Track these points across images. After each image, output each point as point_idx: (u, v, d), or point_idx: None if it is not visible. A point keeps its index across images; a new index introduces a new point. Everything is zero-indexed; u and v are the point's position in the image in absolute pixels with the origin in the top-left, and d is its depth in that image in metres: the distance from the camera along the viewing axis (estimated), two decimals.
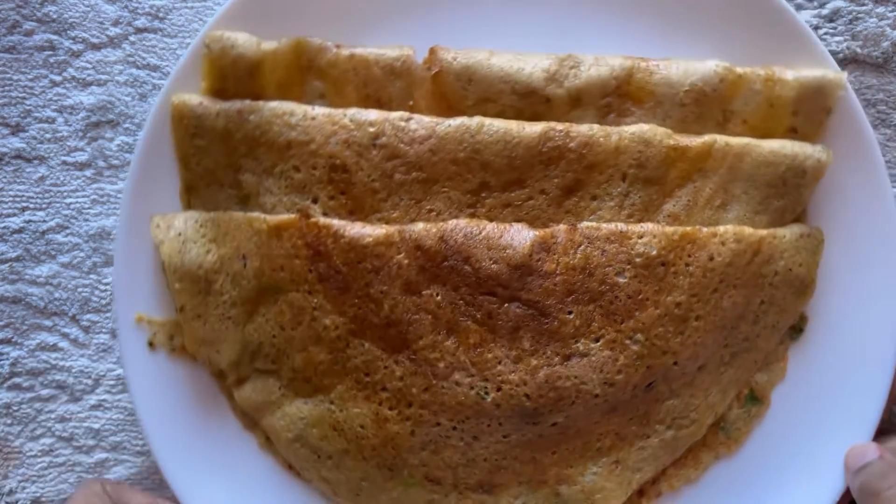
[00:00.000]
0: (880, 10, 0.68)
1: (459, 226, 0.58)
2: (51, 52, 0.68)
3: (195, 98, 0.59)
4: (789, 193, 0.60)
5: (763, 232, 0.59)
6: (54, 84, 0.68)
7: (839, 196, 0.62)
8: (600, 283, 0.58)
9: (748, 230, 0.58)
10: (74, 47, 0.68)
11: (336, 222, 0.58)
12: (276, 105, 0.59)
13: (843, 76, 0.60)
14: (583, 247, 0.58)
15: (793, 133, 0.62)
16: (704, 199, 0.60)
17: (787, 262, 0.60)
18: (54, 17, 0.68)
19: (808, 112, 0.61)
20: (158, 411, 0.61)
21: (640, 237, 0.58)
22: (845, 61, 0.68)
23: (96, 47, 0.68)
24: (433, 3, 0.63)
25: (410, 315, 0.58)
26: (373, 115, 0.59)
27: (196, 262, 0.59)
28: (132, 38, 0.68)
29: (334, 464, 0.60)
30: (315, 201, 0.60)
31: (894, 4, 0.68)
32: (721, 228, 0.58)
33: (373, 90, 0.61)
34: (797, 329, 0.63)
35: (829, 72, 0.60)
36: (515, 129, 0.59)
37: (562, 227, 0.58)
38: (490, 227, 0.58)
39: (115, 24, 0.68)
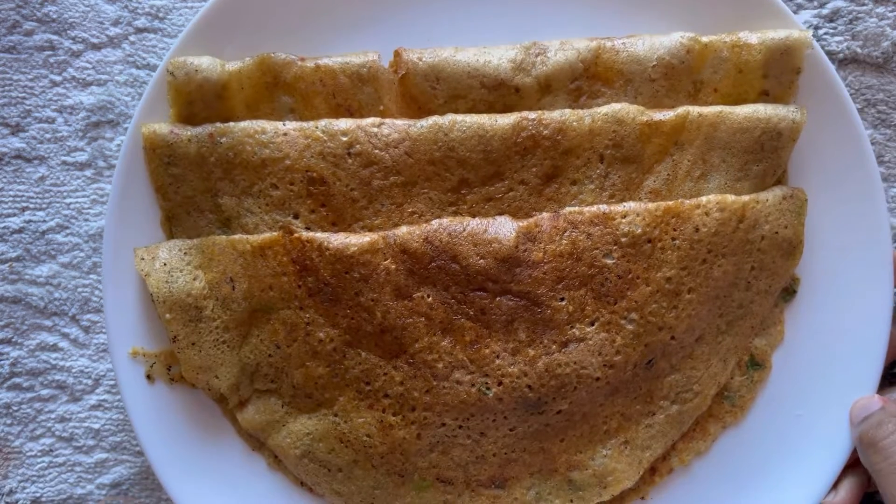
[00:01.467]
0: (880, 10, 0.68)
1: (443, 225, 0.58)
2: (51, 52, 0.68)
3: (165, 127, 0.59)
4: (767, 157, 0.60)
5: (746, 198, 0.59)
6: (54, 84, 0.68)
7: (818, 153, 0.62)
8: (589, 267, 0.58)
9: (731, 198, 0.58)
10: (74, 47, 0.68)
11: (319, 235, 0.58)
12: (246, 125, 0.59)
13: (809, 34, 0.60)
14: (568, 232, 0.57)
15: (765, 96, 0.61)
16: (684, 172, 0.60)
17: (772, 225, 0.60)
18: (54, 17, 0.68)
19: (778, 74, 0.61)
20: (164, 442, 0.61)
21: (624, 217, 0.58)
22: (845, 61, 0.68)
23: (96, 47, 0.68)
24: (392, 5, 0.63)
25: (404, 320, 0.57)
26: (344, 123, 0.59)
27: (184, 290, 0.58)
28: (132, 38, 0.68)
29: (345, 476, 0.60)
30: (296, 217, 0.59)
31: (894, 4, 0.68)
32: (704, 199, 0.58)
33: (342, 99, 0.61)
34: (790, 291, 0.63)
35: (794, 31, 0.60)
36: (488, 123, 0.59)
37: (545, 215, 0.58)
38: (474, 223, 0.58)
39: (115, 23, 0.68)
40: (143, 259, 0.59)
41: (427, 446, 0.59)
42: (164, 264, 0.59)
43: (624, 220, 0.58)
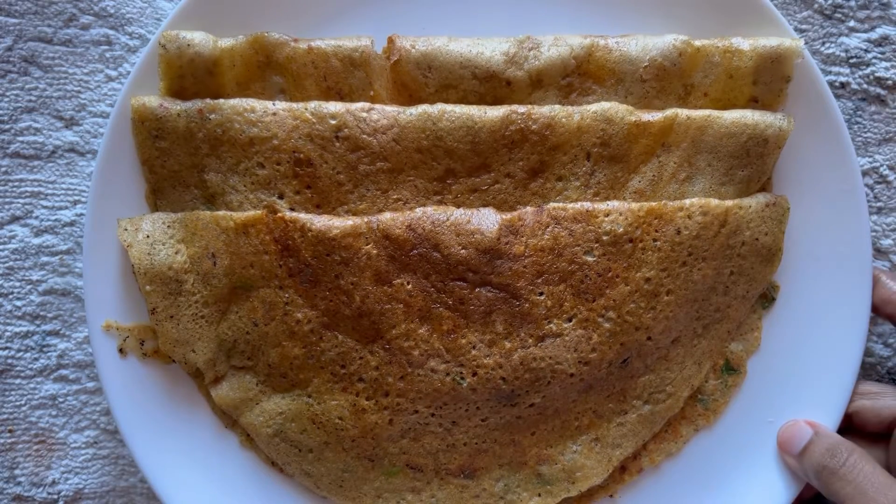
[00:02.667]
0: None
1: (427, 213, 0.58)
2: (107, 47, 0.67)
3: (155, 100, 0.59)
4: (753, 163, 0.61)
5: (729, 203, 0.59)
6: (110, 79, 0.68)
7: (803, 162, 0.62)
8: (569, 263, 0.58)
9: (714, 202, 0.59)
10: (131, 43, 0.68)
11: (303, 216, 0.58)
12: (236, 102, 0.59)
13: (800, 43, 0.60)
14: (550, 227, 0.58)
15: (754, 102, 0.62)
16: (669, 174, 0.60)
17: (753, 231, 0.60)
18: (111, 11, 0.68)
19: (768, 81, 0.61)
20: (137, 416, 0.61)
21: (607, 215, 0.58)
22: (895, 87, 0.68)
23: None
24: None
25: (382, 305, 0.58)
26: (334, 107, 0.59)
27: (166, 263, 0.59)
28: None
29: (315, 457, 0.61)
30: (281, 197, 0.60)
31: None
32: (687, 202, 0.59)
33: (333, 82, 0.61)
34: (769, 298, 0.64)
35: (786, 40, 0.60)
36: (477, 115, 0.59)
37: (529, 209, 0.58)
38: (457, 213, 0.58)
39: None
40: (126, 230, 0.59)
41: (398, 432, 0.60)
42: (147, 236, 0.59)
43: (607, 219, 0.58)
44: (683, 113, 0.60)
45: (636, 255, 0.58)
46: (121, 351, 0.61)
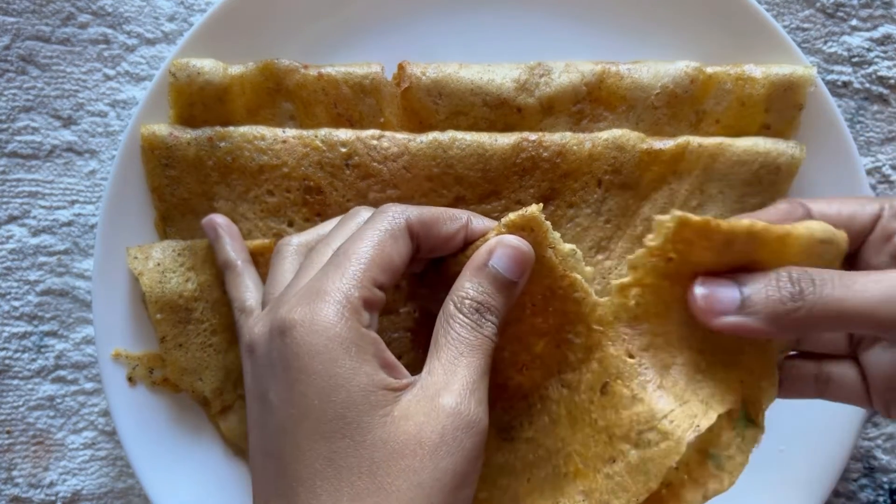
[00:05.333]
0: None
1: None
2: (105, 46, 0.67)
3: (165, 128, 0.59)
4: (765, 190, 0.60)
5: (746, 221, 0.56)
6: (108, 78, 0.68)
7: (815, 191, 0.62)
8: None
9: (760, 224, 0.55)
10: (129, 42, 0.68)
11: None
12: (246, 130, 0.59)
13: (813, 71, 0.60)
14: None
15: (766, 130, 0.61)
16: (681, 201, 0.60)
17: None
18: (109, 10, 0.67)
19: (780, 109, 0.61)
20: (147, 446, 0.60)
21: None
22: None
23: (150, 42, 0.68)
24: (400, 18, 0.63)
25: (389, 334, 0.57)
26: (344, 134, 0.59)
27: (177, 291, 0.58)
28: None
29: None
30: (290, 224, 0.59)
31: None
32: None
33: (343, 109, 0.61)
34: None
35: (799, 68, 0.60)
36: (488, 142, 0.59)
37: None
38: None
39: (171, 19, 0.68)
40: (136, 258, 0.59)
41: None
42: (158, 264, 0.59)
43: None
44: (695, 140, 0.59)
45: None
46: (130, 380, 0.60)
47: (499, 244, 0.47)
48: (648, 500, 0.48)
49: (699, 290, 0.45)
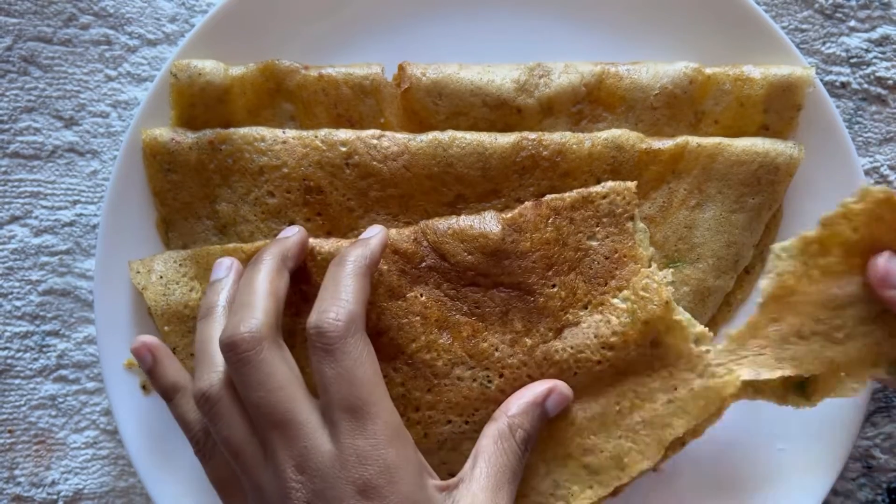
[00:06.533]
0: None
1: (429, 224, 0.58)
2: (106, 47, 0.68)
3: (166, 133, 0.59)
4: (764, 190, 0.61)
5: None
6: (109, 79, 0.68)
7: (813, 191, 0.62)
8: (575, 251, 0.58)
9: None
10: (130, 42, 0.68)
11: (312, 240, 0.58)
12: (246, 132, 0.59)
13: (811, 72, 0.60)
14: (551, 219, 0.58)
15: (765, 130, 0.62)
16: (679, 200, 0.61)
17: None
18: (111, 11, 0.68)
19: (779, 109, 0.61)
20: (147, 443, 0.61)
21: (604, 197, 0.58)
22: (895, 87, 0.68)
23: (152, 43, 0.68)
24: (400, 19, 0.63)
25: (399, 320, 0.58)
26: (344, 134, 0.59)
27: (181, 301, 0.59)
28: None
29: None
30: (292, 224, 0.60)
31: None
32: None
33: (343, 109, 0.61)
34: None
35: (797, 69, 0.60)
36: (488, 141, 0.59)
37: (528, 203, 0.58)
38: (460, 220, 0.58)
39: (172, 20, 0.68)
40: (138, 272, 0.59)
41: (435, 444, 0.59)
42: (161, 277, 0.59)
43: (604, 201, 0.58)
44: (694, 140, 0.60)
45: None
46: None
47: (556, 389, 0.55)
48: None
49: (882, 260, 0.49)
